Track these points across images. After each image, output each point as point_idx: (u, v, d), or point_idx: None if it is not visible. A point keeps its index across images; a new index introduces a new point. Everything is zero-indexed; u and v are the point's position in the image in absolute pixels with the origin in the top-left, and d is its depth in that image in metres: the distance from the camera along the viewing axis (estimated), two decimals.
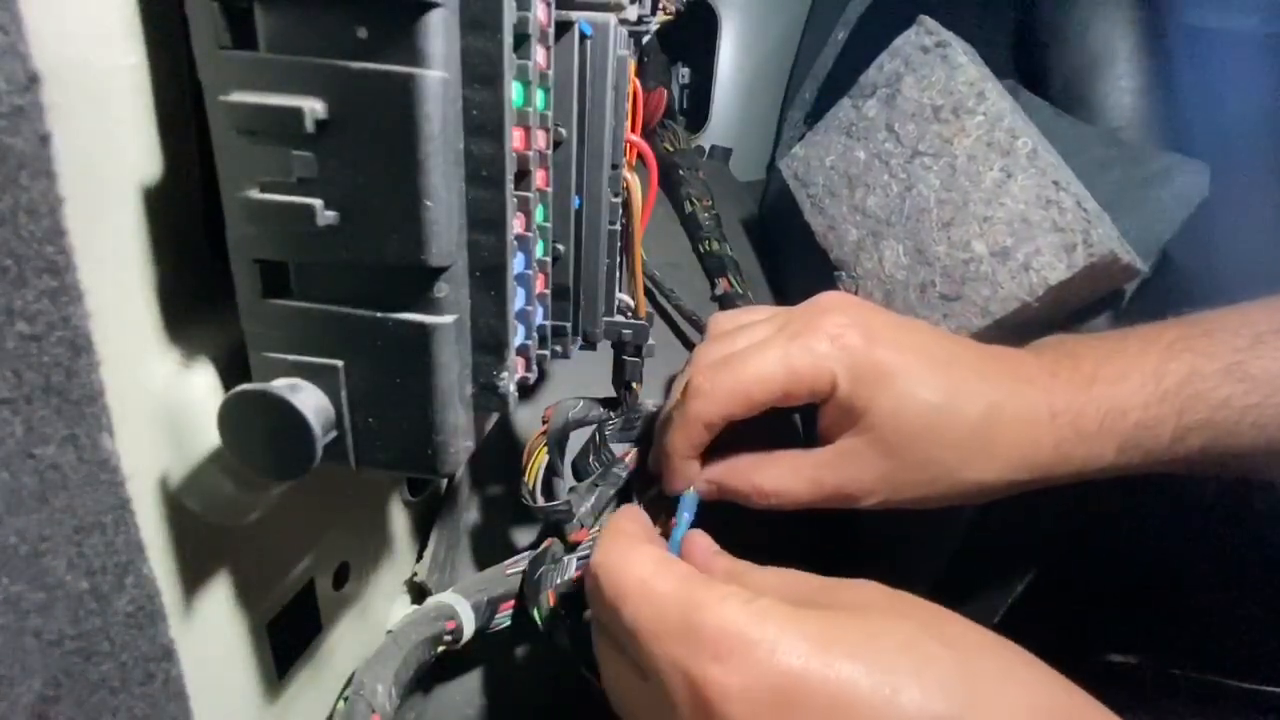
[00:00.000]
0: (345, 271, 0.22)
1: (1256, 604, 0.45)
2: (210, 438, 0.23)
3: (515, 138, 0.23)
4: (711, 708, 0.22)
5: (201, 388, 0.24)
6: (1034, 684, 0.22)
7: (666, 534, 0.34)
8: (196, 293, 0.24)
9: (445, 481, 0.45)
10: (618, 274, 0.34)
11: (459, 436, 0.24)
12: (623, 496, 0.38)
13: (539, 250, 0.27)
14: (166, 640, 0.23)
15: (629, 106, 0.31)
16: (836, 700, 0.21)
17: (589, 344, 0.34)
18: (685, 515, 0.34)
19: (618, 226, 0.32)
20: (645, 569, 0.25)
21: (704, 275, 0.63)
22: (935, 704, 0.21)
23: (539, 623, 0.36)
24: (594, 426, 0.38)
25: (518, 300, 0.25)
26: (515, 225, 0.24)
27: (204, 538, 0.25)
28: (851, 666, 0.22)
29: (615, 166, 0.30)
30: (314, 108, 0.19)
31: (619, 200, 0.31)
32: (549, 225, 0.28)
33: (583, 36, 0.27)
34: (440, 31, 0.19)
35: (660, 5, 0.35)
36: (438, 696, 0.40)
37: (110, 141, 0.21)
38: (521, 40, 0.23)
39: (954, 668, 0.22)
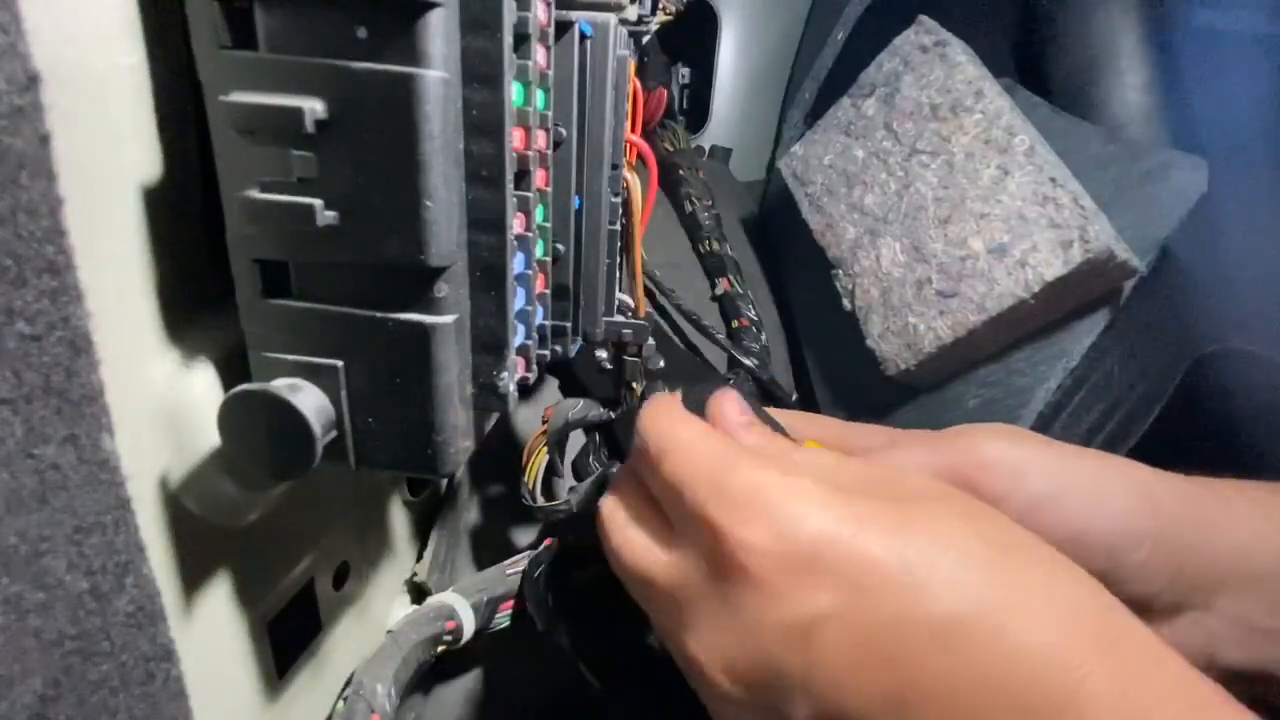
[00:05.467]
0: (345, 271, 0.22)
1: None
2: (210, 438, 0.23)
3: (515, 138, 0.23)
4: (732, 562, 0.22)
5: (201, 388, 0.24)
6: (1076, 598, 0.21)
7: None
8: (196, 293, 0.24)
9: (445, 481, 0.45)
10: (618, 274, 0.34)
11: (459, 436, 0.24)
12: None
13: (539, 250, 0.27)
14: (166, 640, 0.23)
15: (629, 106, 0.31)
16: (858, 581, 0.21)
17: (589, 344, 0.34)
18: None
19: (618, 226, 0.32)
20: (691, 430, 0.25)
21: (704, 275, 0.63)
22: (965, 604, 0.20)
23: (539, 623, 0.36)
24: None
25: (518, 300, 0.25)
26: (515, 225, 0.24)
27: (204, 538, 0.25)
28: (880, 552, 0.21)
29: (615, 166, 0.30)
30: (314, 108, 0.19)
31: (619, 200, 0.31)
32: (549, 225, 0.28)
33: (583, 36, 0.27)
34: (440, 31, 0.19)
35: (660, 5, 0.35)
36: (438, 696, 0.40)
37: (110, 141, 0.21)
38: (521, 40, 0.23)
39: (990, 567, 0.21)
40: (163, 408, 0.23)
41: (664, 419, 0.26)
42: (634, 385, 0.37)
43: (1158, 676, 0.20)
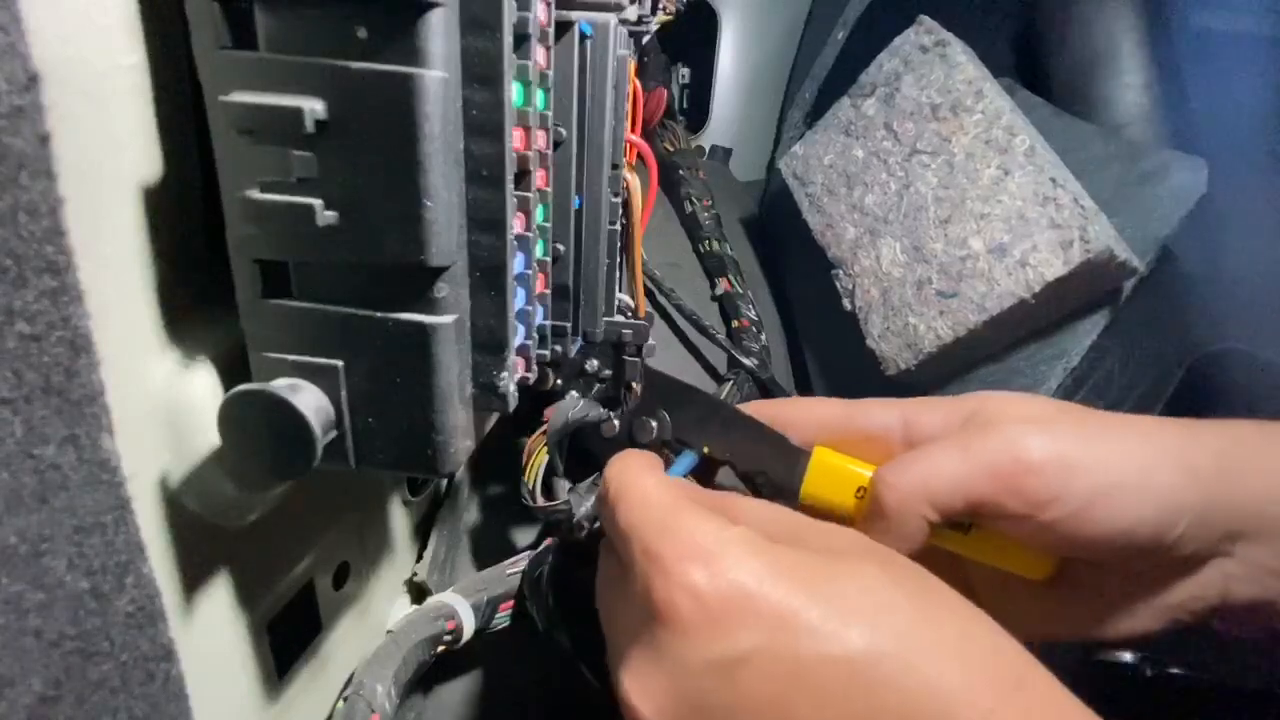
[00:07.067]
0: (345, 271, 0.22)
1: None
2: (210, 438, 0.23)
3: (515, 138, 0.23)
4: (668, 601, 0.23)
5: (201, 388, 0.24)
6: (987, 644, 0.23)
7: None
8: (196, 293, 0.24)
9: (445, 481, 0.45)
10: (618, 274, 0.34)
11: (459, 436, 0.24)
12: None
13: (539, 250, 0.27)
14: (166, 640, 0.23)
15: (629, 106, 0.31)
16: (783, 622, 0.22)
17: (589, 344, 0.34)
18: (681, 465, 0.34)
19: (618, 226, 0.32)
20: (649, 480, 0.27)
21: (704, 275, 0.63)
22: (884, 643, 0.22)
23: (539, 623, 0.36)
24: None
25: (518, 300, 0.25)
26: (515, 225, 0.24)
27: (204, 538, 0.25)
28: (805, 596, 0.22)
29: (615, 166, 0.30)
30: (314, 108, 0.19)
31: (619, 200, 0.31)
32: (549, 225, 0.28)
33: (583, 36, 0.27)
34: (440, 31, 0.19)
35: (660, 5, 0.35)
36: (438, 696, 0.40)
37: (110, 141, 0.21)
38: (521, 40, 0.23)
39: (905, 612, 0.23)
40: (163, 408, 0.23)
41: (626, 470, 0.28)
42: (633, 386, 0.37)
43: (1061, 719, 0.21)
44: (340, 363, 0.22)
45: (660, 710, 0.23)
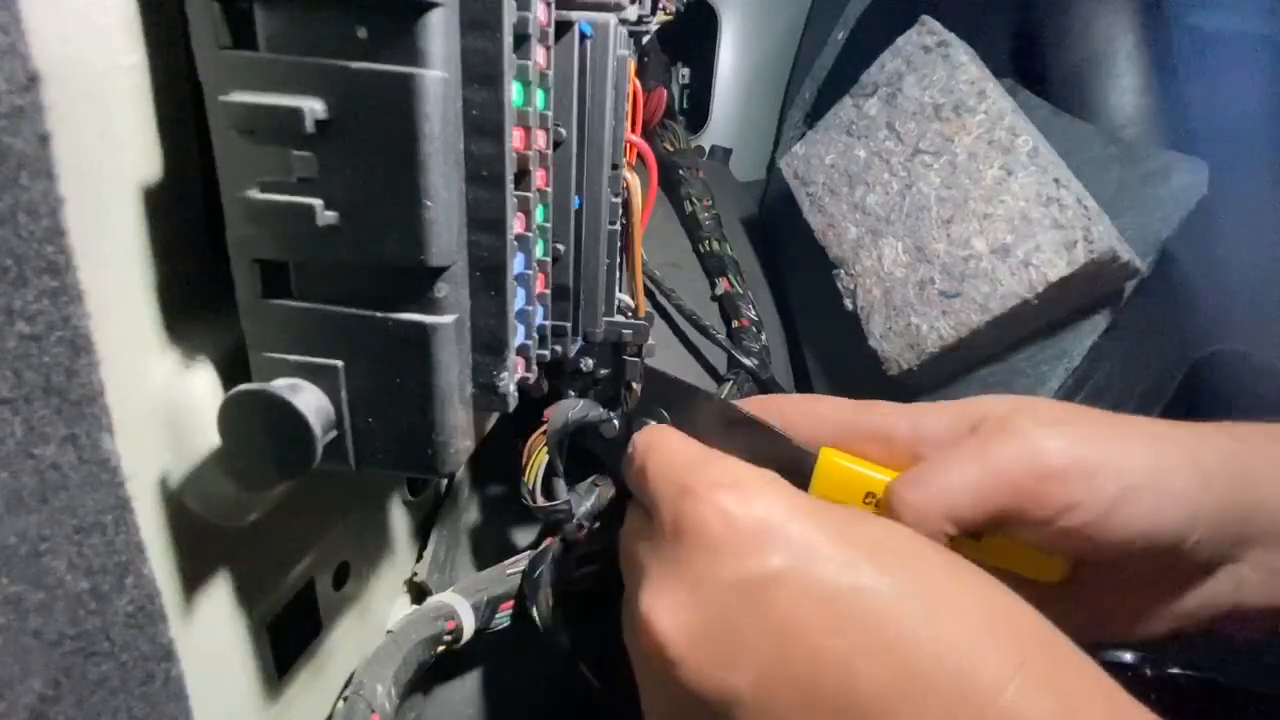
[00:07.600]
0: (345, 271, 0.22)
1: None
2: (210, 438, 0.23)
3: (515, 138, 0.23)
4: (698, 522, 0.24)
5: (201, 388, 0.24)
6: (1016, 610, 0.23)
7: None
8: (196, 293, 0.24)
9: (445, 481, 0.45)
10: (618, 274, 0.34)
11: (459, 436, 0.24)
12: (622, 498, 0.38)
13: (539, 250, 0.27)
14: (166, 640, 0.23)
15: (629, 106, 0.31)
16: (813, 550, 0.23)
17: (589, 344, 0.34)
18: None
19: (618, 226, 0.32)
20: (678, 438, 0.28)
21: (704, 275, 0.63)
22: (911, 586, 0.22)
23: (539, 623, 0.36)
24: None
25: (518, 300, 0.25)
26: (515, 225, 0.24)
27: (204, 538, 0.25)
28: (834, 533, 0.23)
29: (615, 166, 0.30)
30: (314, 108, 0.19)
31: (619, 200, 0.31)
32: (549, 225, 0.28)
33: (583, 36, 0.27)
34: (440, 31, 0.19)
35: (660, 5, 0.35)
36: (438, 696, 0.40)
37: (110, 141, 0.21)
38: (521, 40, 0.23)
39: (939, 569, 0.23)
40: (163, 408, 0.23)
41: (654, 431, 0.29)
42: (633, 385, 0.37)
43: (1089, 684, 0.21)
44: (340, 363, 0.22)
45: (680, 626, 0.23)
